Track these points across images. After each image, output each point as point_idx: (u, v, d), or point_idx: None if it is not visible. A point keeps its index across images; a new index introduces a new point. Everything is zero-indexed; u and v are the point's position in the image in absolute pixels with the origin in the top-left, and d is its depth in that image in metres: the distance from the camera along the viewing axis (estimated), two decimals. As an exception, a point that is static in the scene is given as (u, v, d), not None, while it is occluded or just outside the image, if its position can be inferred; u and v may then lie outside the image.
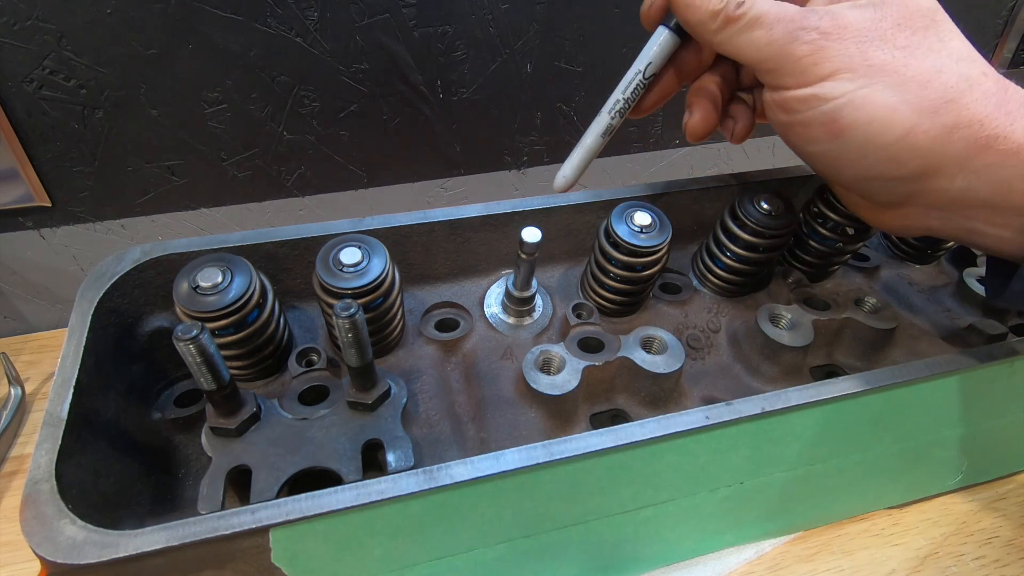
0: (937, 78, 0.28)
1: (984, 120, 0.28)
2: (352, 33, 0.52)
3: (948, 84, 0.28)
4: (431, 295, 0.43)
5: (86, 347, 0.32)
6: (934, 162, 0.29)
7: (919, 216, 0.33)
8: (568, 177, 0.37)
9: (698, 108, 0.36)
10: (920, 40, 0.29)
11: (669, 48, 0.34)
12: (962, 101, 0.28)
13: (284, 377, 0.37)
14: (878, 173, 0.30)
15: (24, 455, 0.48)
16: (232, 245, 0.37)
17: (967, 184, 0.29)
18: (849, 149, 0.30)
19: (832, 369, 0.42)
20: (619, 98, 0.35)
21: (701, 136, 0.36)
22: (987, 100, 0.28)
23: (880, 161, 0.30)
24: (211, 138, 0.54)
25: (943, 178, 0.29)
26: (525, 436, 0.36)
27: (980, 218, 0.30)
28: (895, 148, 0.29)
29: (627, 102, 0.35)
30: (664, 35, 0.34)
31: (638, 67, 0.34)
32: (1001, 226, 0.30)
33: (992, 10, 0.70)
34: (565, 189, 0.37)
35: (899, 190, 0.31)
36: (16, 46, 0.46)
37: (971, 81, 0.28)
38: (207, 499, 0.29)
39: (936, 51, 0.29)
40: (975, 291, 0.44)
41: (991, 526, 0.43)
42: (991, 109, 0.28)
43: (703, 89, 0.36)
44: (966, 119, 0.28)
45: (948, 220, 0.32)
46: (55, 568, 0.25)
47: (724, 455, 0.33)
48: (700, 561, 0.40)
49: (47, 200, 0.53)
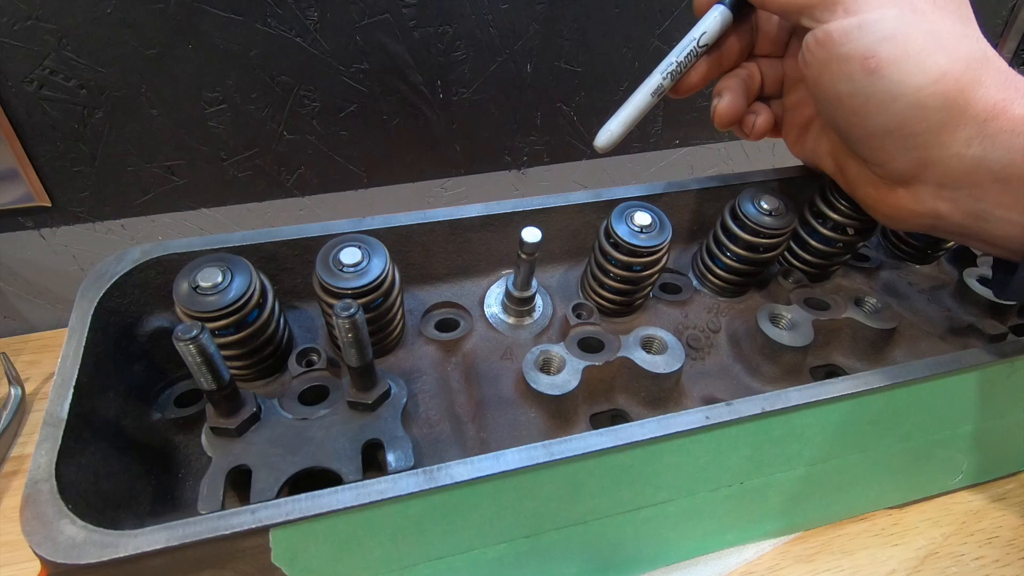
0: (966, 40, 0.30)
1: (1003, 85, 0.30)
2: (352, 33, 0.52)
3: (974, 49, 0.30)
4: (431, 295, 0.43)
5: (86, 347, 0.32)
6: (957, 116, 0.30)
7: (929, 196, 0.33)
8: (613, 132, 0.36)
9: (728, 93, 0.39)
10: (956, 7, 0.31)
11: (722, 23, 0.36)
12: (984, 68, 0.30)
13: (284, 377, 0.37)
14: (902, 123, 0.31)
15: (24, 455, 0.48)
16: (232, 245, 0.37)
17: (981, 152, 0.30)
18: (883, 88, 0.30)
19: (832, 369, 0.42)
20: (673, 61, 0.36)
21: (728, 122, 0.39)
22: (1000, 75, 0.30)
23: (909, 106, 0.30)
24: (211, 138, 0.54)
25: (960, 141, 0.30)
26: (525, 436, 0.36)
27: (989, 198, 0.31)
28: (925, 93, 0.30)
29: (680, 66, 0.36)
30: (719, 9, 0.36)
31: (694, 35, 0.36)
32: (1010, 207, 0.31)
33: (992, 10, 0.70)
34: (608, 146, 0.37)
35: (916, 154, 0.32)
36: (16, 46, 0.46)
37: (988, 55, 0.30)
38: (207, 499, 0.29)
39: (966, 21, 0.31)
40: (975, 291, 0.44)
41: (991, 526, 0.43)
42: (1004, 83, 0.30)
43: (734, 76, 0.39)
44: (990, 80, 0.30)
45: (957, 202, 0.32)
46: (55, 568, 0.25)
47: (724, 455, 0.33)
48: (700, 561, 0.40)
49: (47, 200, 0.53)
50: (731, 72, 0.39)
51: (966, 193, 0.32)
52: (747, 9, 0.37)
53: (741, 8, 0.36)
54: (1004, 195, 0.31)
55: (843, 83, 0.32)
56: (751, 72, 0.40)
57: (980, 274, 0.45)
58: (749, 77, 0.39)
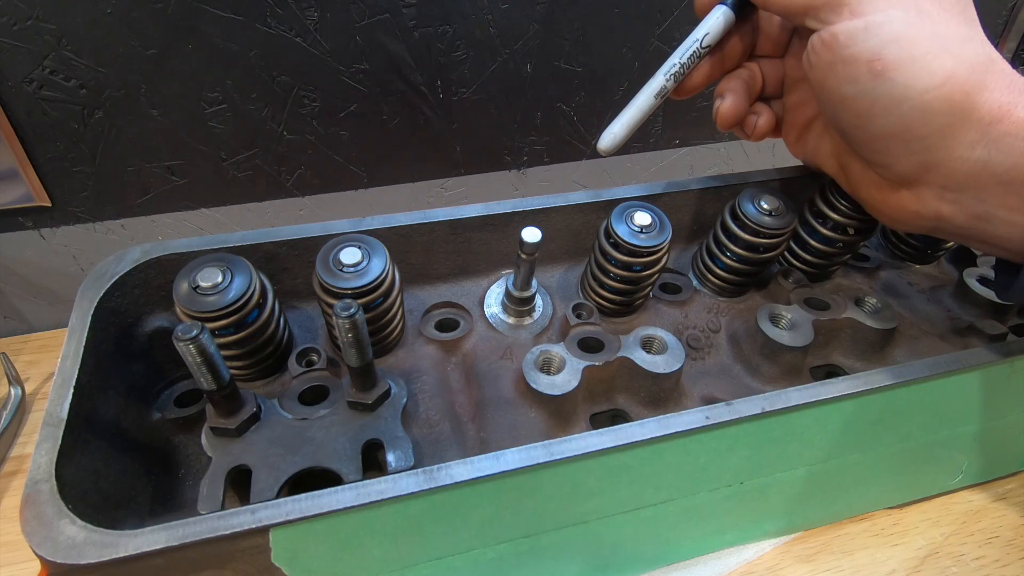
0: (971, 42, 0.30)
1: (1008, 88, 0.30)
2: (352, 33, 0.52)
3: (979, 52, 0.30)
4: (431, 295, 0.43)
5: (86, 347, 0.32)
6: (961, 119, 0.30)
7: (932, 198, 0.33)
8: (616, 135, 0.36)
9: (731, 94, 0.39)
10: (962, 9, 0.31)
11: (724, 23, 0.36)
12: (993, 68, 0.30)
13: (284, 377, 0.37)
14: (907, 126, 0.31)
15: (24, 455, 0.48)
16: (232, 245, 0.37)
17: (986, 155, 0.30)
18: (888, 91, 0.30)
19: (832, 369, 0.42)
20: (676, 62, 0.36)
21: (730, 123, 0.39)
22: (1004, 78, 0.30)
23: (914, 109, 0.30)
24: (211, 138, 0.54)
25: (964, 144, 0.30)
26: (525, 436, 0.36)
27: (993, 201, 0.31)
28: (930, 96, 0.30)
29: (683, 67, 0.36)
30: (721, 10, 0.36)
31: (696, 36, 0.36)
32: (1013, 209, 0.31)
33: (992, 10, 0.70)
34: (611, 148, 0.36)
35: (920, 157, 0.32)
36: (16, 46, 0.46)
37: (992, 59, 0.30)
38: (207, 499, 0.29)
39: (971, 23, 0.31)
40: (975, 291, 0.44)
41: (991, 526, 0.43)
42: (1008, 86, 0.30)
43: (736, 78, 0.39)
44: (995, 84, 0.30)
45: (960, 204, 0.32)
46: (55, 568, 0.25)
47: (724, 455, 0.33)
48: (700, 561, 0.40)
49: (47, 200, 0.53)
50: (733, 73, 0.39)
51: (970, 195, 0.32)
52: (749, 9, 0.37)
53: (743, 8, 0.36)
54: (1008, 197, 0.31)
55: (848, 85, 0.32)
56: (752, 72, 0.39)
57: (980, 274, 0.45)
58: (751, 77, 0.39)
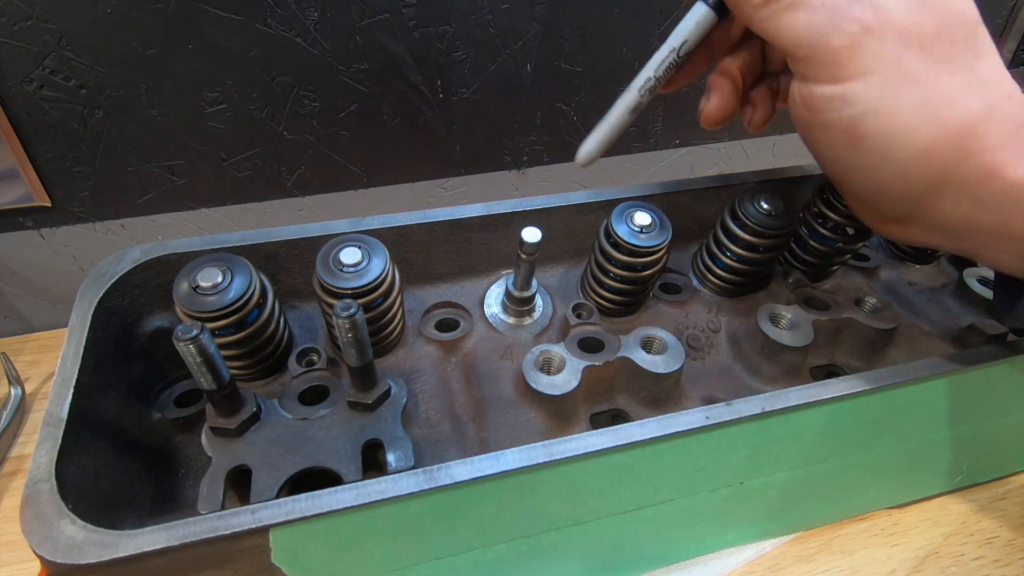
0: (962, 99, 0.28)
1: (998, 148, 0.28)
2: (352, 33, 0.52)
3: (971, 109, 0.28)
4: (431, 295, 0.43)
5: (86, 347, 0.32)
6: (944, 183, 0.29)
7: (923, 233, 0.33)
8: (591, 151, 0.35)
9: (717, 92, 0.35)
10: (958, 54, 0.28)
11: (705, 26, 0.33)
12: (982, 128, 0.28)
13: (284, 377, 0.37)
14: (888, 187, 0.31)
15: (24, 455, 0.48)
16: (232, 245, 0.37)
17: (972, 210, 0.29)
18: (865, 159, 0.30)
19: (832, 369, 0.42)
20: (650, 76, 0.33)
21: (717, 122, 0.36)
22: (1005, 127, 0.28)
23: (893, 176, 0.30)
24: (211, 138, 0.54)
25: (949, 201, 0.30)
26: (525, 436, 0.36)
27: (982, 242, 0.31)
28: (910, 164, 0.29)
29: (658, 80, 0.34)
30: (702, 11, 0.32)
31: (672, 44, 0.33)
32: (1003, 251, 0.30)
33: (992, 10, 0.70)
34: (587, 163, 0.36)
35: (906, 207, 0.31)
36: (16, 46, 0.46)
37: (992, 107, 0.28)
38: (207, 499, 0.29)
39: (968, 69, 0.28)
40: (975, 291, 0.44)
41: (991, 526, 0.43)
42: (1006, 137, 0.28)
43: (726, 72, 0.35)
44: (982, 147, 0.28)
45: (951, 240, 0.32)
46: (55, 568, 0.25)
47: (724, 455, 0.33)
48: (700, 561, 0.40)
49: (47, 200, 0.53)
50: (724, 62, 0.36)
51: (959, 237, 0.31)
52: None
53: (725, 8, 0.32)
54: (998, 242, 0.30)
55: (827, 149, 0.31)
56: (745, 60, 0.36)
57: (980, 274, 0.45)
58: (744, 66, 0.36)
